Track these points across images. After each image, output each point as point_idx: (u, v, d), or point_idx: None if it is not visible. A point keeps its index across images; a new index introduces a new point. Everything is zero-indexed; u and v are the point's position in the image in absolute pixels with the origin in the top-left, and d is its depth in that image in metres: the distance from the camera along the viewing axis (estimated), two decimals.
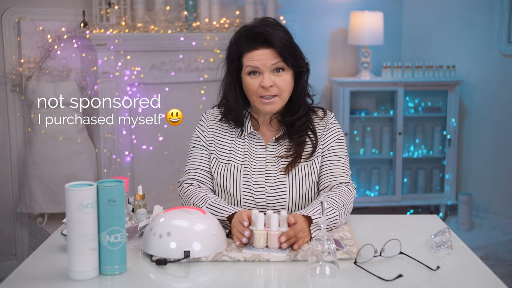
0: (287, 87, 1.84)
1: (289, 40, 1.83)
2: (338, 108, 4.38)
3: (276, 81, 1.81)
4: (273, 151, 1.90)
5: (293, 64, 1.83)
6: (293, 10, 4.38)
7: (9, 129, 3.51)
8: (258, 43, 1.81)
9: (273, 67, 1.81)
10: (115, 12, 3.44)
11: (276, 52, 1.80)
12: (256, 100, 1.84)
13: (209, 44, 3.67)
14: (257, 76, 1.82)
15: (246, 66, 1.82)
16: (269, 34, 1.79)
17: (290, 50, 1.82)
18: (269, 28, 1.81)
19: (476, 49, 4.40)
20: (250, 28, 1.83)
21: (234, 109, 1.90)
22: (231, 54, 1.87)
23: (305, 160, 1.88)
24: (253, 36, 1.81)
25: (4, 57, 3.44)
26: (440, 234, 1.58)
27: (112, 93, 3.48)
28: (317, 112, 1.95)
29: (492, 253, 3.84)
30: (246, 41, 1.82)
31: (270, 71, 1.81)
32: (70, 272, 1.40)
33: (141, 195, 1.80)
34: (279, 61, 1.81)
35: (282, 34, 1.82)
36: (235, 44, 1.86)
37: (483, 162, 4.43)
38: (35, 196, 3.37)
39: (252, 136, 1.92)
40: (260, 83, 1.81)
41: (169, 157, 3.71)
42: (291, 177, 1.87)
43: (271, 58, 1.80)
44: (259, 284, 1.43)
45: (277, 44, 1.79)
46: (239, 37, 1.85)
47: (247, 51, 1.82)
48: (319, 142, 1.91)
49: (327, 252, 1.40)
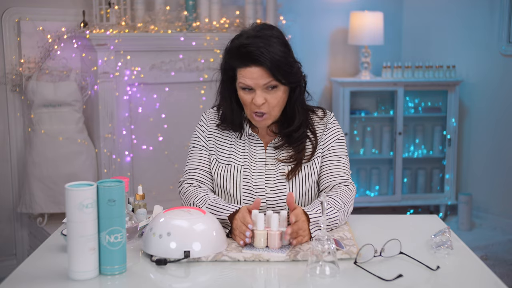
0: (278, 103, 1.81)
1: (283, 56, 1.77)
2: (338, 108, 4.38)
3: (268, 97, 1.79)
4: (272, 154, 1.90)
5: (286, 81, 1.79)
6: (293, 10, 4.38)
7: (9, 129, 3.51)
8: (250, 61, 1.76)
9: (265, 86, 1.78)
10: (115, 12, 3.44)
11: (267, 72, 1.75)
12: (250, 114, 1.84)
13: (209, 44, 3.67)
14: (250, 92, 1.80)
15: (239, 82, 1.80)
16: (260, 55, 1.74)
17: (283, 68, 1.77)
18: (263, 44, 1.75)
19: (476, 49, 4.40)
20: (243, 45, 1.77)
21: (229, 117, 1.90)
22: (225, 65, 1.84)
23: (305, 161, 1.89)
24: (246, 54, 1.76)
25: (4, 57, 3.44)
26: (440, 234, 1.58)
27: (112, 93, 3.48)
28: (317, 113, 1.95)
29: (492, 253, 3.84)
30: (239, 57, 1.78)
31: (262, 89, 1.78)
32: (70, 272, 1.40)
33: (141, 195, 1.80)
34: (271, 80, 1.77)
35: (276, 49, 1.76)
36: (229, 56, 1.82)
37: (483, 162, 4.43)
38: (35, 196, 3.37)
39: (251, 137, 1.92)
40: (253, 99, 1.79)
41: (169, 157, 3.71)
42: (291, 179, 1.87)
43: (263, 78, 1.76)
44: (259, 284, 1.43)
45: (268, 65, 1.74)
46: (232, 49, 1.81)
47: (239, 67, 1.78)
48: (319, 142, 1.90)
49: (327, 252, 1.40)
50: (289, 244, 1.57)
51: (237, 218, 1.63)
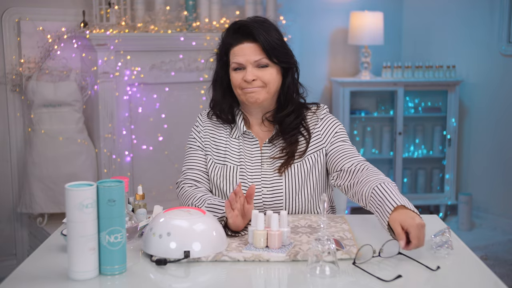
0: (273, 80, 1.85)
1: (275, 37, 1.84)
2: (338, 108, 4.38)
3: (259, 75, 1.83)
4: (268, 152, 1.91)
5: (278, 60, 1.84)
6: (293, 10, 4.38)
7: (9, 129, 3.51)
8: (243, 36, 1.83)
9: (256, 63, 1.83)
10: (115, 12, 3.44)
11: (260, 48, 1.82)
12: (240, 92, 1.87)
13: (209, 44, 3.67)
14: (241, 71, 1.85)
15: (232, 63, 1.85)
16: (253, 28, 1.81)
17: (275, 46, 1.83)
18: (257, 25, 1.83)
19: (476, 49, 4.40)
20: (238, 22, 1.86)
21: (219, 102, 1.93)
22: (220, 50, 1.90)
23: (299, 158, 1.90)
24: (239, 29, 1.84)
25: (4, 57, 3.44)
26: (440, 234, 1.58)
27: (112, 93, 3.48)
28: (310, 108, 1.97)
29: (492, 253, 3.84)
30: (232, 34, 1.85)
31: (253, 66, 1.83)
32: (70, 272, 1.40)
33: (141, 195, 1.80)
34: (263, 58, 1.83)
35: (271, 30, 1.84)
36: (223, 38, 1.89)
37: (483, 162, 4.43)
38: (35, 196, 3.37)
39: (246, 136, 1.93)
40: (243, 77, 1.83)
41: (169, 157, 3.71)
42: (287, 177, 1.88)
43: (255, 54, 1.82)
44: (259, 284, 1.43)
45: (261, 39, 1.81)
46: (226, 31, 1.89)
47: (233, 45, 1.84)
48: (316, 137, 1.91)
49: (327, 252, 1.40)
50: (290, 245, 1.57)
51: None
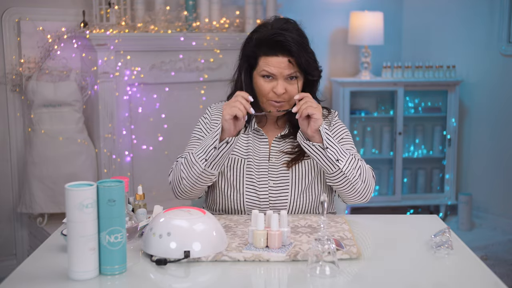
0: (297, 92, 1.86)
1: (306, 49, 1.85)
2: (338, 108, 4.38)
3: (289, 88, 1.84)
4: (277, 147, 1.92)
5: (310, 75, 1.86)
6: (293, 10, 4.38)
7: (9, 129, 3.51)
8: (279, 50, 1.82)
9: (287, 76, 1.84)
10: (115, 12, 3.44)
11: (294, 62, 1.82)
12: (265, 102, 1.87)
13: (209, 44, 3.67)
14: (270, 80, 1.85)
15: (262, 69, 1.84)
16: (290, 46, 1.80)
17: (310, 62, 1.84)
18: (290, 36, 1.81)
19: (476, 49, 4.40)
20: (273, 34, 1.82)
21: None
22: (248, 52, 1.88)
23: (308, 157, 1.90)
24: (276, 43, 1.81)
25: (4, 57, 3.43)
26: (440, 234, 1.58)
27: (112, 93, 3.48)
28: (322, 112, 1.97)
29: (492, 253, 3.84)
30: (267, 45, 1.83)
31: (284, 79, 1.83)
32: (70, 272, 1.40)
33: (141, 195, 1.80)
34: (296, 71, 1.83)
35: (306, 47, 1.85)
36: (256, 43, 1.86)
37: (483, 162, 4.43)
38: (35, 196, 3.37)
39: (256, 132, 1.93)
40: (273, 88, 1.84)
41: (169, 157, 3.71)
42: (294, 172, 1.89)
43: (289, 68, 1.82)
44: (259, 284, 1.43)
45: (297, 55, 1.81)
46: (261, 37, 1.85)
47: (268, 54, 1.83)
48: None
49: (327, 252, 1.40)
50: (290, 245, 1.56)
51: (238, 93, 1.76)
